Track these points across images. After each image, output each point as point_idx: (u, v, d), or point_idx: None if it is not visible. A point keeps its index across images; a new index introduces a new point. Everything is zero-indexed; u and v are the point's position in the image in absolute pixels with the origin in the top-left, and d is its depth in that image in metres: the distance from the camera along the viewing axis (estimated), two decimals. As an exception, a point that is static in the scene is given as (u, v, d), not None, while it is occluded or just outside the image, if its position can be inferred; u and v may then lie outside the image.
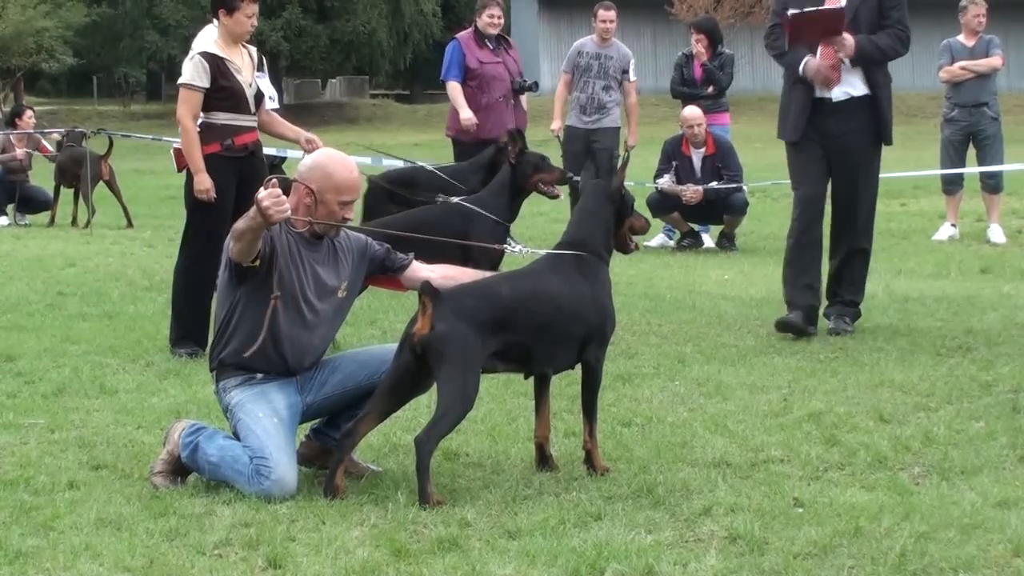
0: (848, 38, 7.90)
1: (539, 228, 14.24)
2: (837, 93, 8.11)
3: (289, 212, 4.97)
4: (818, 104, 8.16)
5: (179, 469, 5.24)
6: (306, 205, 5.24)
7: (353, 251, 5.46)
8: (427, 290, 5.02)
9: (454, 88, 11.99)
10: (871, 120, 8.17)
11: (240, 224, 5.03)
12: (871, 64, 8.09)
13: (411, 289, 5.55)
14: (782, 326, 8.06)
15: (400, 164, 11.72)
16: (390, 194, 9.82)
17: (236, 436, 5.23)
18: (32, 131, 17.18)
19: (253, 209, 4.91)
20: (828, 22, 7.91)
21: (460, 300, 5.09)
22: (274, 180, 5.02)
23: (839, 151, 8.17)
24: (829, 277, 8.39)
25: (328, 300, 5.37)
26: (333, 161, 5.35)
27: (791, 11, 7.91)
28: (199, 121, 7.74)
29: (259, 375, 5.27)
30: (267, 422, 5.15)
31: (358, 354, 5.56)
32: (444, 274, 5.45)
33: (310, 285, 5.29)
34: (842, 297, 8.35)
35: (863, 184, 8.27)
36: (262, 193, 4.89)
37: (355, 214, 5.62)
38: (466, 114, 11.75)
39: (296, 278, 5.23)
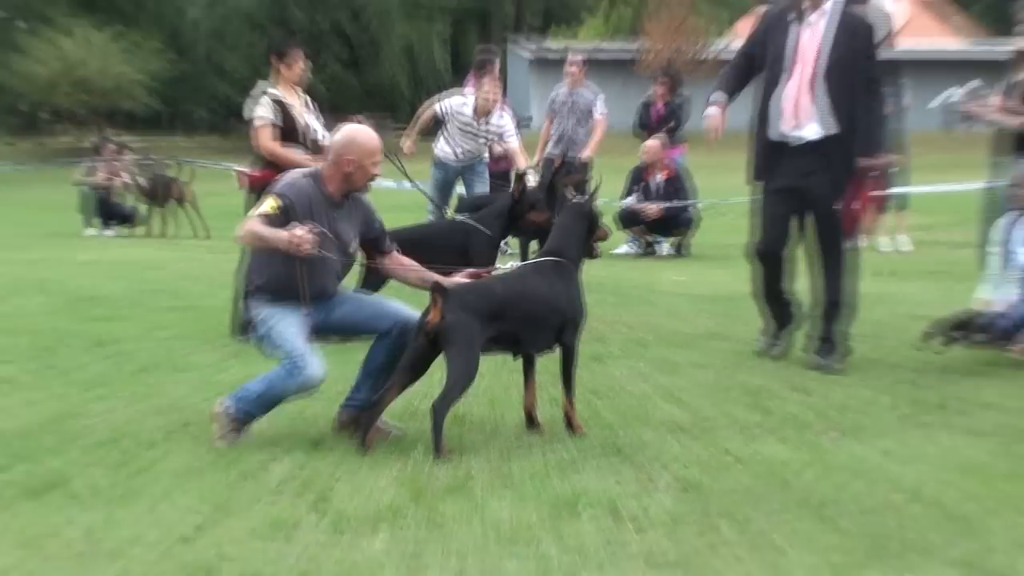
0: (879, 161, 6.97)
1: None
2: (807, 134, 6.73)
3: (313, 251, 5.05)
4: (779, 146, 6.83)
5: (236, 428, 5.22)
6: (345, 173, 5.31)
7: (362, 212, 5.50)
8: (438, 288, 5.08)
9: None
10: (838, 162, 6.72)
11: (267, 237, 5.07)
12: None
13: (391, 276, 5.65)
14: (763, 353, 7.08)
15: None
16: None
17: (260, 342, 5.30)
18: (115, 159, 17.23)
19: (286, 235, 4.99)
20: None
21: (464, 296, 5.14)
22: (316, 228, 5.10)
23: (813, 194, 6.76)
24: (820, 314, 6.97)
25: (343, 252, 5.39)
26: (361, 135, 5.39)
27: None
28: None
29: (283, 299, 5.27)
30: (295, 330, 5.20)
31: (361, 299, 5.54)
32: (413, 267, 5.55)
33: (332, 239, 5.31)
34: (830, 341, 6.92)
35: (838, 230, 6.84)
36: (300, 232, 4.99)
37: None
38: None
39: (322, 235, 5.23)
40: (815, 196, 6.76)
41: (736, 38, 44.35)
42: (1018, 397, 6.09)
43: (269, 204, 5.23)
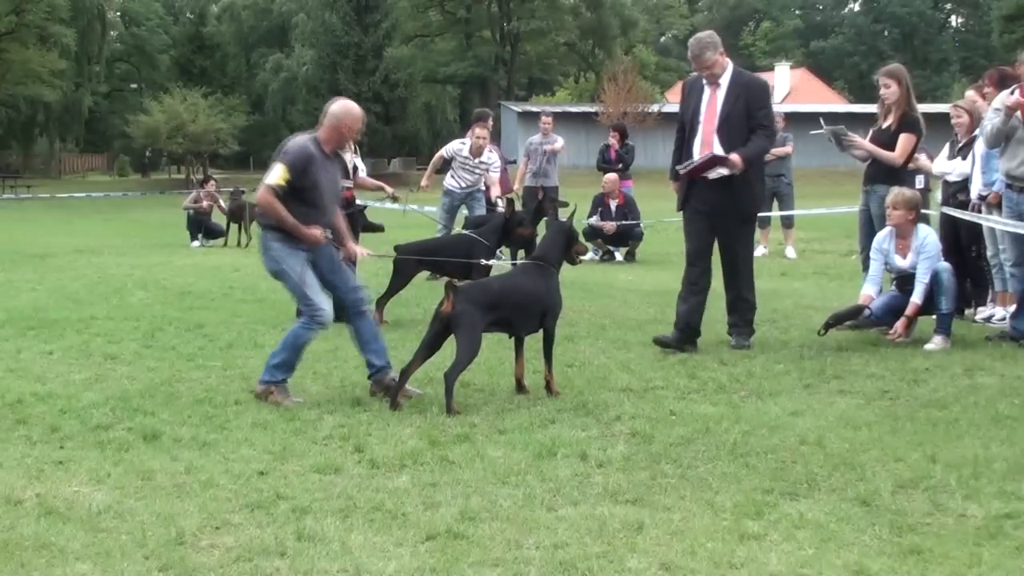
0: (736, 161, 6.39)
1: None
2: (714, 174, 6.51)
3: (324, 242, 5.11)
4: (702, 181, 6.60)
5: (284, 392, 5.13)
6: (341, 134, 5.26)
7: (342, 165, 5.50)
8: (451, 286, 5.02)
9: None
10: (739, 195, 6.54)
11: (292, 228, 5.02)
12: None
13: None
14: (658, 342, 6.56)
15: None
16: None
17: (276, 274, 5.20)
18: (213, 191, 17.12)
19: (310, 235, 5.01)
20: (712, 162, 6.46)
21: (470, 291, 5.08)
22: (328, 233, 5.15)
23: (718, 219, 6.58)
24: (726, 306, 6.78)
25: (336, 195, 5.37)
26: (354, 108, 5.33)
27: (680, 168, 6.56)
28: None
29: (288, 240, 5.15)
30: (305, 278, 5.12)
31: (341, 267, 5.37)
32: (344, 231, 5.45)
33: (330, 186, 5.26)
34: (738, 325, 6.71)
35: (739, 247, 6.71)
36: (319, 234, 5.04)
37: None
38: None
39: (322, 185, 5.17)
40: (720, 220, 6.62)
41: (666, 102, 44.55)
42: (881, 367, 6.00)
43: (281, 175, 5.07)
